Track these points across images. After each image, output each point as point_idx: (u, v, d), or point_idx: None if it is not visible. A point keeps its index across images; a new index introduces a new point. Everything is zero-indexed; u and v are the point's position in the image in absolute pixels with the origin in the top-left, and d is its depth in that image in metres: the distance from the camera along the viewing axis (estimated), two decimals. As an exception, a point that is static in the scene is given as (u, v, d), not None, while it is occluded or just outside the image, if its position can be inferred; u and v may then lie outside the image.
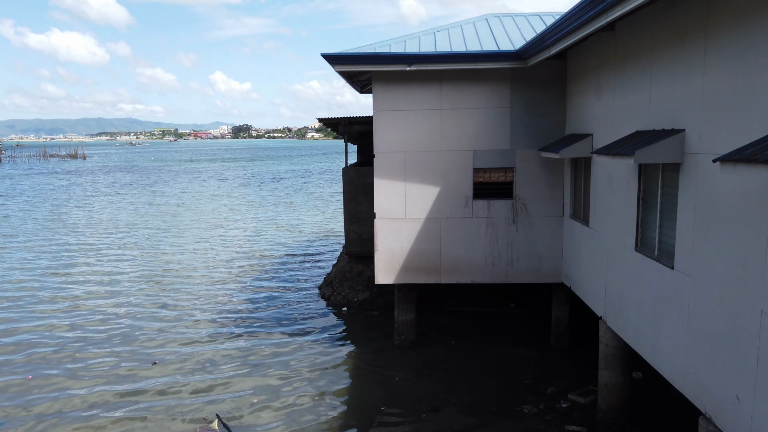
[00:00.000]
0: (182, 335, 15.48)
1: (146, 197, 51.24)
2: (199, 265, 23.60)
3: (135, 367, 13.39)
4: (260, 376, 12.80)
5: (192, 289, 19.90)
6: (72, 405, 11.55)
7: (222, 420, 10.74)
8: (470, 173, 13.20)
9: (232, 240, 29.56)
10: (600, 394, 10.35)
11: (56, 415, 11.15)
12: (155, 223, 35.66)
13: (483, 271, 13.35)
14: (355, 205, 17.98)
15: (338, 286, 18.28)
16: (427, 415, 10.83)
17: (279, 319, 16.71)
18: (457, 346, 14.20)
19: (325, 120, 17.94)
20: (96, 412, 11.25)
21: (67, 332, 15.79)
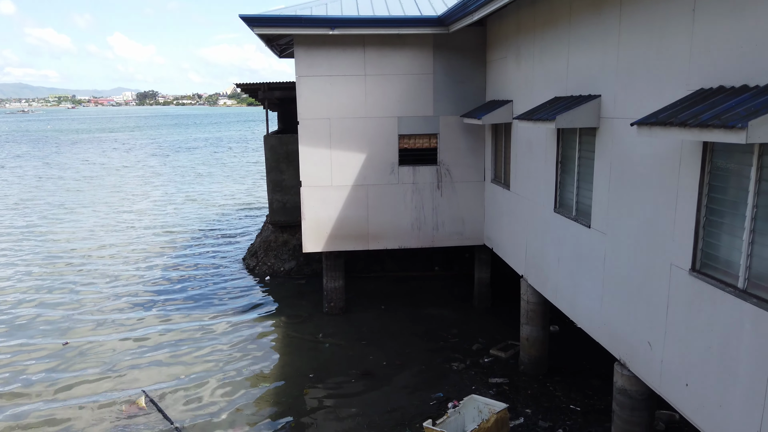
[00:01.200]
0: (97, 318, 14.72)
1: (43, 170, 47.56)
2: (110, 244, 22.35)
3: (47, 354, 12.62)
4: (188, 351, 12.46)
5: (104, 270, 18.86)
6: (-22, 394, 10.75)
7: (149, 396, 10.41)
8: (395, 140, 13.27)
9: (143, 215, 28.16)
10: (521, 347, 10.97)
11: (-39, 405, 10.35)
12: (55, 198, 33.27)
13: (410, 236, 13.60)
14: (278, 174, 17.61)
15: (263, 257, 17.98)
16: (359, 379, 11.03)
17: (203, 294, 16.26)
18: (385, 311, 14.48)
19: (243, 85, 17.27)
20: (16, 403, 10.55)
21: (-34, 317, 14.56)
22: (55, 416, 9.96)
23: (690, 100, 5.46)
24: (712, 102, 5.02)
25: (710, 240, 5.61)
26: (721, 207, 5.44)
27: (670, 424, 8.87)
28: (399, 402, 10.08)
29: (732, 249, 5.30)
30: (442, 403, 9.89)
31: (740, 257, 5.11)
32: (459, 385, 10.55)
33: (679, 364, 5.96)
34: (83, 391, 10.81)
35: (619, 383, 7.17)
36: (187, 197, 32.87)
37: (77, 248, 21.34)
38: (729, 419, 5.19)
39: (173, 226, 24.94)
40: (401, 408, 9.85)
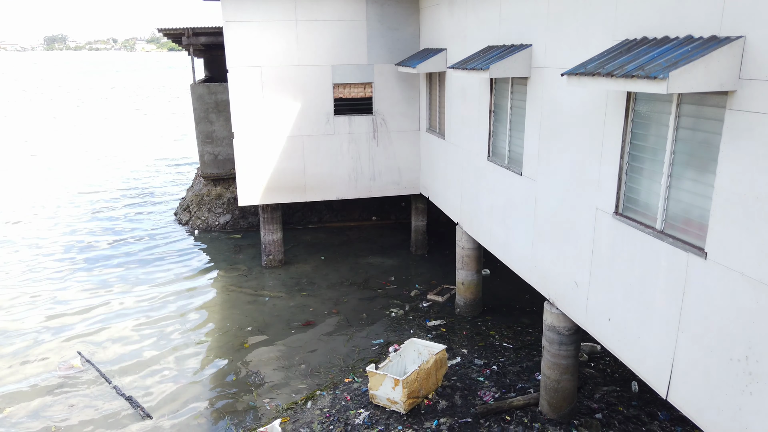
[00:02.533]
0: (28, 282, 14.00)
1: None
2: (28, 207, 21.05)
3: (-33, 316, 11.95)
4: (123, 310, 12.14)
5: (28, 238, 17.83)
6: None
7: (84, 356, 10.16)
8: (330, 89, 13.03)
9: (58, 175, 26.57)
10: (457, 291, 11.42)
11: None
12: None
13: (347, 186, 13.60)
14: (207, 125, 16.97)
15: (196, 211, 17.51)
16: (300, 329, 11.18)
17: (135, 251, 15.72)
18: (324, 262, 14.58)
19: (166, 30, 16.28)
20: (-74, 369, 9.99)
21: None
22: (-17, 383, 9.57)
23: (615, 50, 5.67)
24: (636, 53, 5.24)
25: (632, 185, 5.97)
26: (642, 153, 5.78)
27: (592, 354, 9.61)
28: (341, 350, 10.34)
29: (651, 193, 5.67)
30: (383, 348, 10.23)
31: (659, 201, 5.49)
32: (399, 330, 10.91)
33: (603, 301, 6.42)
34: (15, 342, 10.39)
35: (548, 321, 7.65)
36: (108, 152, 31.18)
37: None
38: (646, 350, 5.70)
39: (95, 185, 23.70)
40: (343, 355, 10.11)
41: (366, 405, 8.42)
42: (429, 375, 8.46)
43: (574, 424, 7.75)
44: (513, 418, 7.93)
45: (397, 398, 8.09)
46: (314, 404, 8.60)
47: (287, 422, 8.17)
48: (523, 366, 9.36)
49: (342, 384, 9.11)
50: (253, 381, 9.45)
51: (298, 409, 8.54)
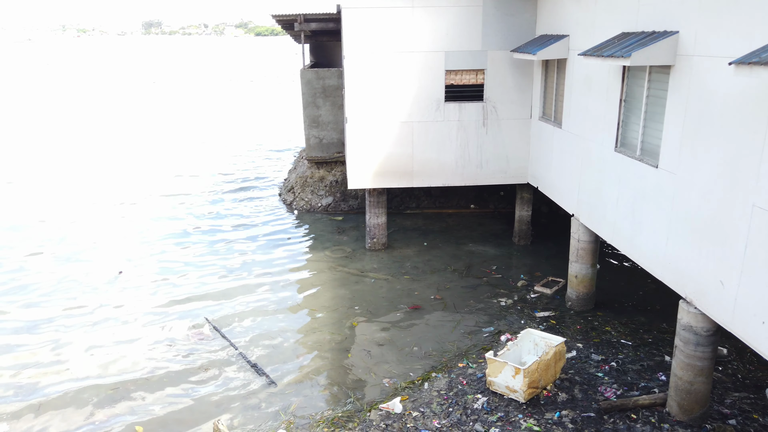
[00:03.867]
0: (148, 251, 15.11)
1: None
2: (140, 191, 22.61)
3: (105, 281, 13.07)
4: (235, 285, 12.83)
5: (148, 209, 19.18)
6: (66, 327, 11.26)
7: (211, 322, 10.87)
8: (442, 75, 13.05)
9: (170, 156, 28.27)
10: (570, 284, 11.22)
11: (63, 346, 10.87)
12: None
13: (454, 173, 13.63)
14: (314, 109, 17.48)
15: (300, 192, 18.14)
16: (407, 313, 11.40)
17: (246, 227, 16.52)
18: (426, 247, 14.72)
19: (279, 17, 16.85)
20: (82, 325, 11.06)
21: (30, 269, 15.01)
22: (122, 338, 10.46)
23: (797, 38, 5.32)
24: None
25: (802, 182, 5.61)
26: (819, 149, 5.42)
27: (718, 358, 9.19)
28: (450, 335, 10.46)
29: (828, 192, 5.31)
30: (494, 336, 10.26)
31: (839, 200, 5.14)
32: (508, 319, 10.88)
33: (756, 303, 6.12)
34: (148, 319, 11.28)
35: (684, 320, 7.38)
36: (212, 136, 32.79)
37: (115, 187, 21.61)
38: (811, 355, 5.39)
39: (201, 166, 25.06)
40: (454, 340, 10.23)
41: (483, 391, 8.49)
42: (548, 366, 8.41)
43: (706, 428, 7.48)
44: (639, 416, 7.75)
45: (516, 387, 8.11)
46: (431, 386, 8.78)
47: (406, 401, 8.40)
48: (644, 365, 9.09)
49: (456, 368, 9.23)
50: (368, 359, 9.76)
51: (416, 389, 8.75)
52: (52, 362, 9.85)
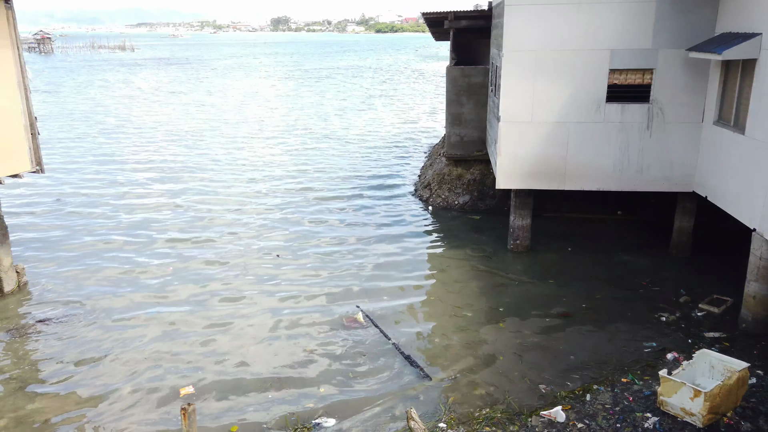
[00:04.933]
0: (290, 245, 15.92)
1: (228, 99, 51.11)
2: (284, 173, 23.86)
3: (266, 263, 13.96)
4: (381, 280, 13.13)
5: (288, 199, 20.24)
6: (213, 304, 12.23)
7: (365, 312, 11.24)
8: (605, 75, 12.47)
9: (307, 142, 29.61)
10: (745, 305, 10.29)
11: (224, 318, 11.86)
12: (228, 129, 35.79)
13: (610, 177, 13.00)
14: (457, 107, 17.47)
15: (437, 189, 18.25)
16: (557, 319, 11.06)
17: (381, 223, 16.86)
18: (571, 253, 14.20)
19: (428, 14, 17.02)
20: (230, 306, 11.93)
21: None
22: (282, 320, 11.13)
23: None
24: None
25: None
26: None
27: None
28: (606, 347, 10.01)
29: None
30: (657, 353, 9.67)
31: None
32: (673, 337, 10.21)
33: None
34: (303, 304, 11.91)
35: None
36: (352, 126, 33.93)
37: (259, 177, 23.04)
38: None
39: (338, 154, 26.00)
40: (612, 353, 9.78)
41: (653, 410, 8.03)
42: (730, 392, 7.77)
43: None
44: (844, 460, 6.94)
45: (695, 410, 7.58)
46: (594, 398, 8.45)
47: (569, 410, 8.15)
48: (844, 403, 8.13)
49: (620, 383, 8.81)
50: (520, 363, 9.60)
51: (577, 400, 8.47)
52: (223, 350, 10.69)
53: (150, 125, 33.78)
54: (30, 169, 11.41)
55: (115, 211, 17.76)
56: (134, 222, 16.73)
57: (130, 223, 16.61)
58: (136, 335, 10.63)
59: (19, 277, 12.37)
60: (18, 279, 12.32)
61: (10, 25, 10.62)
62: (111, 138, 29.85)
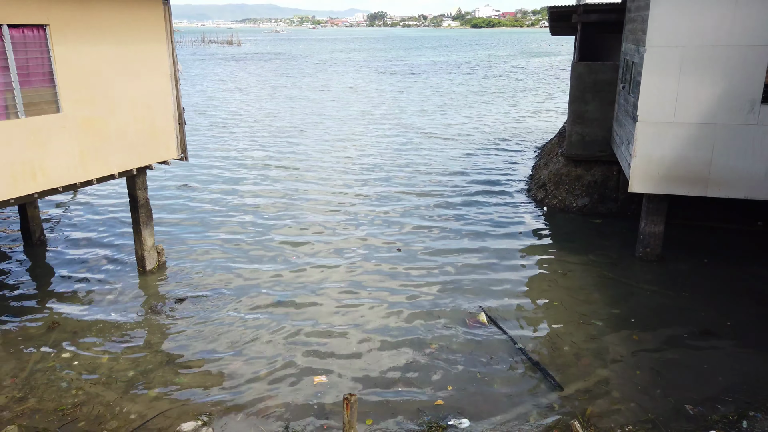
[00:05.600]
0: (399, 231, 15.97)
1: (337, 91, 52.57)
2: (392, 170, 24.02)
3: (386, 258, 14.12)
4: (501, 282, 12.85)
5: (398, 196, 20.33)
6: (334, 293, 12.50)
7: (487, 312, 11.05)
8: (762, 72, 11.41)
9: (412, 139, 29.66)
10: None
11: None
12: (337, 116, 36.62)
13: (762, 186, 11.91)
14: (581, 105, 16.73)
15: (553, 190, 17.62)
16: (697, 335, 10.29)
17: (496, 222, 16.50)
18: (705, 264, 13.20)
19: (555, 8, 16.40)
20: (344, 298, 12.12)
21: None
22: (417, 319, 11.16)
23: None
24: None
25: None
26: None
27: None
28: (759, 370, 9.17)
29: None
30: (824, 383, 8.74)
31: None
32: (842, 365, 9.20)
33: None
34: (424, 300, 11.90)
35: None
36: (444, 124, 33.73)
37: (377, 163, 23.36)
38: None
39: (441, 156, 25.85)
40: (765, 378, 8.95)
41: (825, 446, 7.26)
42: None
43: None
44: None
45: None
46: (751, 425, 7.78)
47: (723, 437, 7.55)
48: None
49: (781, 412, 8.05)
50: (659, 378, 9.02)
51: (731, 425, 7.83)
52: (349, 342, 10.89)
53: (259, 118, 35.27)
54: (176, 156, 12.17)
55: (240, 199, 18.62)
56: (259, 211, 17.46)
57: (255, 212, 17.35)
58: (267, 320, 11.06)
59: (159, 257, 13.25)
60: (158, 258, 13.20)
61: (166, 20, 11.34)
62: (224, 129, 31.46)
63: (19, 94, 9.15)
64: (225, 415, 8.38)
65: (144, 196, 12.48)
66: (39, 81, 9.44)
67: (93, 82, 10.23)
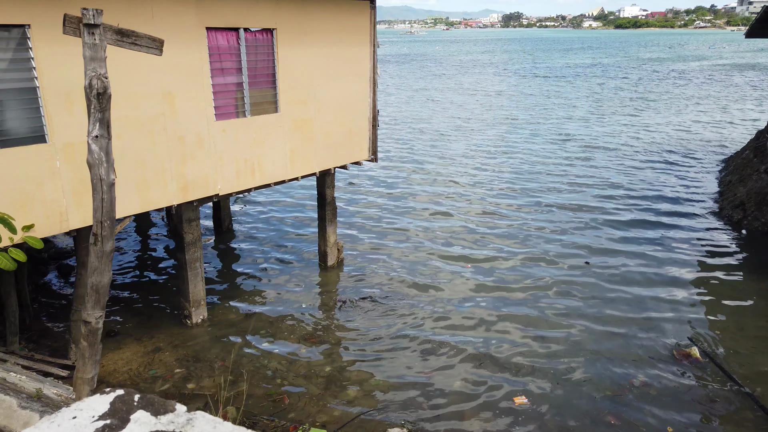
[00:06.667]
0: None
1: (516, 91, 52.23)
2: (556, 185, 22.94)
3: (571, 268, 13.39)
4: (698, 310, 11.57)
5: (568, 214, 19.33)
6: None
7: (698, 346, 9.95)
8: None
9: (570, 150, 28.24)
10: None
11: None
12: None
13: None
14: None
15: (754, 211, 15.66)
16: None
17: (686, 247, 14.80)
18: None
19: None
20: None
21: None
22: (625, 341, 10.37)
23: None
24: None
25: None
26: None
27: None
28: None
29: None
30: None
31: None
32: None
33: None
34: (624, 329, 11.02)
35: None
36: (605, 133, 31.74)
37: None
38: None
39: (606, 169, 24.25)
40: None
41: None
42: None
43: None
44: None
45: None
46: None
47: None
48: None
49: None
50: None
51: None
52: (546, 364, 10.34)
53: (404, 120, 35.59)
54: (368, 157, 12.37)
55: (417, 202, 18.65)
56: (437, 217, 17.32)
57: (431, 217, 17.27)
58: (452, 332, 10.81)
59: (339, 254, 13.59)
60: (338, 255, 13.54)
61: (371, 24, 11.52)
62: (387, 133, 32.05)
63: (248, 95, 9.71)
64: (425, 423, 8.25)
65: (331, 194, 12.83)
66: (264, 82, 9.95)
67: (304, 84, 10.63)
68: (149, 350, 9.96)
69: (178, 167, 8.90)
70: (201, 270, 10.44)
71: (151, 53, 4.49)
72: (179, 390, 8.96)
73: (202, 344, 10.24)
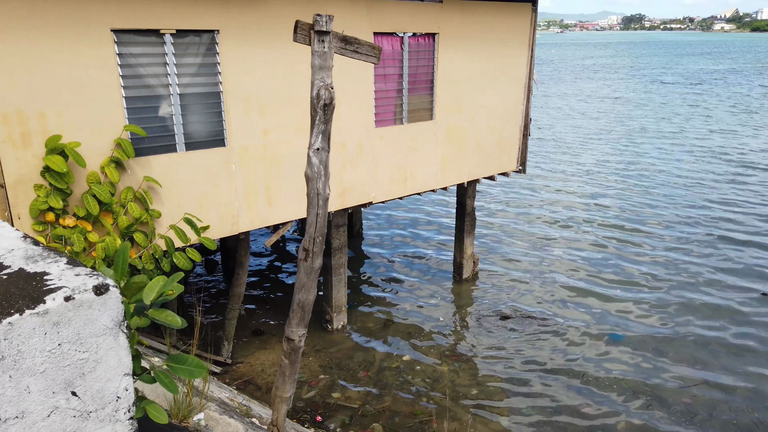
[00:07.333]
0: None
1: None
2: (707, 208, 20.90)
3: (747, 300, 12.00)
4: None
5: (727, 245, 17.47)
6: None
7: None
8: None
9: (719, 166, 25.72)
10: None
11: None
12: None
13: None
14: None
15: None
16: None
17: None
18: None
19: None
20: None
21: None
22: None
23: None
24: None
25: None
26: None
27: None
28: None
29: None
30: None
31: None
32: None
33: None
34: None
35: None
36: (760, 149, 28.62)
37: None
38: None
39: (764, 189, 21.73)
40: None
41: None
42: None
43: None
44: None
45: None
46: None
47: None
48: None
49: None
50: None
51: None
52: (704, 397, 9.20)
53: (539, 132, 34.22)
54: (515, 168, 11.74)
55: (545, 213, 17.80)
56: (573, 236, 16.38)
57: (565, 234, 16.36)
58: (602, 358, 9.93)
59: (475, 267, 13.06)
60: (473, 268, 13.01)
61: (531, 27, 10.88)
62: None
63: (406, 101, 9.45)
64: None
65: (471, 205, 12.33)
66: (422, 88, 9.66)
67: (459, 91, 10.21)
68: (293, 353, 10.00)
69: (339, 173, 8.80)
70: (345, 275, 10.36)
71: (369, 61, 4.23)
72: (324, 399, 8.86)
73: (344, 351, 10.13)
